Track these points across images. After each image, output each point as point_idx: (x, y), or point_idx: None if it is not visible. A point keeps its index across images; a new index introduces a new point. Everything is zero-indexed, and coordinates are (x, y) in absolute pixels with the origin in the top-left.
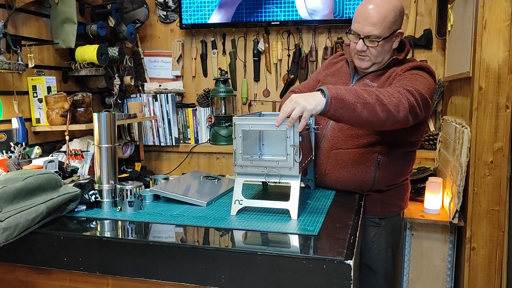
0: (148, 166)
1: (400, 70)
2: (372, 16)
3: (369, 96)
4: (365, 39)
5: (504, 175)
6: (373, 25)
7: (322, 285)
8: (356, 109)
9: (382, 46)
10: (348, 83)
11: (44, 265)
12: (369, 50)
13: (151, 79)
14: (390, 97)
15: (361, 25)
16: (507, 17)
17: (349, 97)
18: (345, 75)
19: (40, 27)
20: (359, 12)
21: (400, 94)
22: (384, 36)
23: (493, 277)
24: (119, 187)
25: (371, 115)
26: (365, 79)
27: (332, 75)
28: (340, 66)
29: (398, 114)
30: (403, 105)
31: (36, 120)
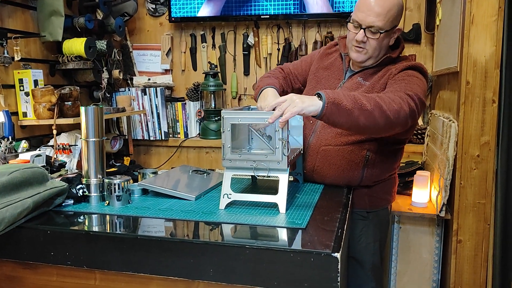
0: (137, 160)
1: (395, 69)
2: (377, 6)
3: (367, 102)
4: (366, 30)
5: (490, 169)
6: (378, 15)
7: (310, 277)
8: (353, 114)
9: (382, 39)
10: (341, 79)
11: (30, 260)
12: (369, 41)
13: (140, 73)
14: (391, 104)
15: (365, 15)
16: (494, 12)
17: (346, 102)
18: (338, 70)
19: (26, 20)
20: (363, 1)
21: (402, 100)
22: (386, 29)
23: (479, 269)
24: (107, 181)
25: (369, 120)
26: (357, 77)
27: (325, 68)
28: (333, 59)
29: (397, 120)
30: (403, 111)
31: (22, 114)
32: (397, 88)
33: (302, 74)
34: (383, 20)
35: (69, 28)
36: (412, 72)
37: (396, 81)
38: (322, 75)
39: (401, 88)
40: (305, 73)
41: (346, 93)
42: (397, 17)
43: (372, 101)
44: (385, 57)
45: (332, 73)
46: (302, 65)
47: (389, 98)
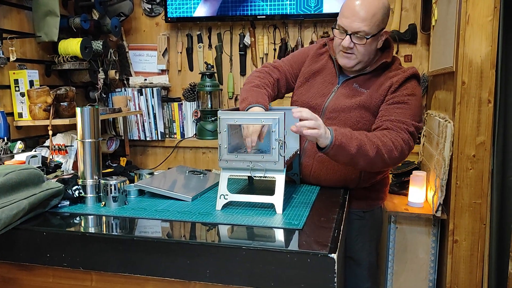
0: (134, 161)
1: (395, 81)
2: (361, 11)
3: (371, 149)
4: (352, 36)
5: (486, 168)
6: (363, 21)
7: (306, 278)
8: (354, 158)
9: (370, 44)
10: (334, 83)
11: (26, 261)
12: (356, 47)
13: (136, 73)
14: (392, 152)
15: (350, 21)
16: (490, 12)
17: (351, 148)
18: (331, 75)
19: (21, 20)
20: (348, 6)
21: (404, 143)
22: (373, 34)
23: (475, 269)
24: (103, 182)
25: (368, 165)
26: (353, 83)
27: (317, 72)
28: (325, 62)
29: (395, 163)
30: (404, 155)
31: (18, 114)
32: (398, 116)
33: (296, 74)
34: (368, 25)
35: (65, 28)
36: (411, 88)
37: (396, 102)
38: (315, 79)
39: (403, 116)
40: (299, 72)
41: (355, 135)
42: (383, 20)
43: (375, 149)
44: (381, 64)
45: (324, 77)
46: (297, 64)
47: (393, 144)
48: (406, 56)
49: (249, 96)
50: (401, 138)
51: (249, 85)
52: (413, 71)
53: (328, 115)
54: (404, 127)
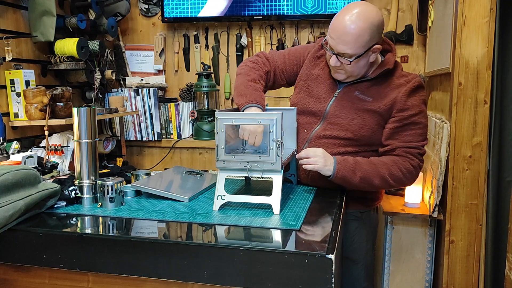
0: (130, 161)
1: (402, 94)
2: (345, 34)
3: (377, 179)
4: (338, 56)
5: (482, 169)
6: (346, 44)
7: (304, 279)
8: (359, 187)
9: (356, 63)
10: (334, 89)
11: (22, 262)
12: (343, 65)
13: (133, 73)
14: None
15: (335, 42)
16: (486, 13)
17: (355, 179)
18: (330, 81)
19: (17, 20)
20: (334, 27)
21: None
22: (358, 55)
23: (471, 269)
24: (100, 182)
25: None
26: (354, 90)
27: (315, 78)
28: (323, 67)
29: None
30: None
31: (14, 114)
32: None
33: (289, 73)
34: (352, 48)
35: (61, 28)
36: (419, 104)
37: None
38: (313, 85)
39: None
40: (293, 72)
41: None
42: (371, 39)
43: (380, 179)
44: (383, 72)
45: (323, 82)
46: (291, 63)
47: (401, 173)
48: (403, 57)
49: (247, 93)
50: (411, 164)
51: (245, 78)
52: (418, 81)
53: (330, 120)
54: (416, 151)
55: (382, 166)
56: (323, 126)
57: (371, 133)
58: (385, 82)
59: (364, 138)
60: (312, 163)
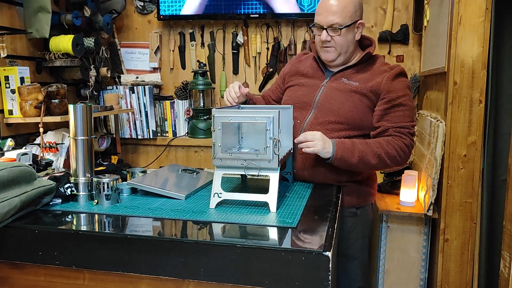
0: (125, 159)
1: (389, 78)
2: (332, 6)
3: (373, 158)
4: (328, 29)
5: (477, 168)
6: (334, 13)
7: (301, 276)
8: (358, 167)
9: (345, 35)
10: (322, 79)
11: (18, 259)
12: (333, 39)
13: (128, 71)
14: (396, 157)
15: (323, 16)
16: (482, 13)
17: (353, 159)
18: (317, 72)
19: (12, 16)
20: (320, 5)
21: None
22: (346, 24)
23: (466, 268)
24: (96, 180)
25: (371, 170)
26: (341, 77)
27: (302, 75)
28: (308, 65)
29: (397, 165)
30: (407, 157)
31: (8, 111)
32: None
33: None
34: (340, 16)
35: (56, 25)
36: (404, 87)
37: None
38: (302, 79)
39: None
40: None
41: (357, 146)
42: (355, 12)
43: (377, 158)
44: (365, 55)
45: (311, 75)
46: (277, 87)
47: (396, 151)
48: (398, 56)
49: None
50: (404, 143)
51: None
52: (401, 68)
53: (321, 107)
54: (406, 131)
55: (377, 145)
56: (314, 114)
57: (362, 115)
58: (369, 69)
59: (355, 121)
60: (312, 146)
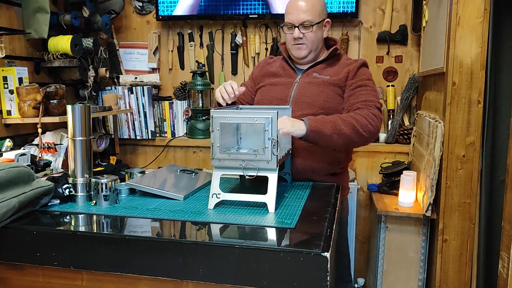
0: (124, 160)
1: (354, 68)
2: (302, 5)
3: (345, 127)
4: (300, 27)
5: (475, 168)
6: (305, 12)
7: (299, 277)
8: (332, 138)
9: (316, 32)
10: (294, 77)
11: (16, 260)
12: (305, 36)
13: (127, 71)
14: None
15: (295, 15)
16: (480, 14)
17: (327, 130)
18: (288, 73)
19: (11, 16)
20: (290, 5)
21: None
22: (316, 21)
23: (464, 268)
24: (94, 180)
25: (346, 141)
26: (312, 73)
27: (273, 75)
28: (278, 66)
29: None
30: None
31: (7, 112)
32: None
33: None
34: (310, 14)
35: (55, 25)
36: (367, 74)
37: (358, 87)
38: (274, 79)
39: (368, 96)
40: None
41: (328, 119)
42: (322, 11)
43: (350, 126)
44: (332, 50)
45: (283, 74)
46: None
47: (365, 119)
48: (397, 56)
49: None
50: (372, 113)
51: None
52: (364, 61)
53: (297, 102)
54: (372, 104)
55: (346, 116)
56: (291, 109)
57: (336, 104)
58: (336, 64)
59: (331, 110)
60: (281, 127)
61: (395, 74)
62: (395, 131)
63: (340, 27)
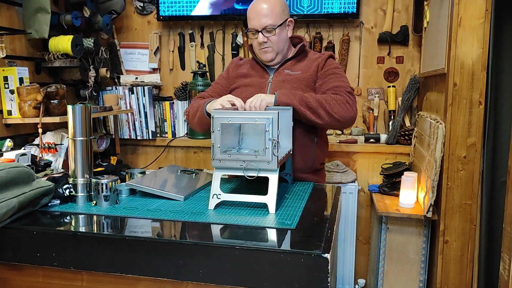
0: (124, 160)
1: (322, 60)
2: (262, 9)
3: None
4: (263, 31)
5: (476, 169)
6: (266, 16)
7: (299, 278)
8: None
9: (279, 34)
10: (267, 77)
11: (16, 261)
12: (270, 40)
13: (128, 72)
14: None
15: (256, 20)
16: (481, 14)
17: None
18: (260, 73)
19: (11, 16)
20: (251, 11)
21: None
22: (278, 24)
23: (465, 269)
24: (95, 181)
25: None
26: (283, 69)
27: (245, 76)
28: (249, 66)
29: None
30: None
31: (7, 112)
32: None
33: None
34: (271, 17)
35: (56, 25)
36: (335, 64)
37: (329, 74)
38: (247, 80)
39: (338, 82)
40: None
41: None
42: (283, 12)
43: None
44: (301, 46)
45: (255, 75)
46: (218, 88)
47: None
48: (398, 57)
49: (202, 102)
50: (341, 96)
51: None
52: (330, 53)
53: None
54: (343, 89)
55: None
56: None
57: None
58: (305, 59)
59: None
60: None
61: (396, 75)
62: (396, 132)
63: (341, 27)
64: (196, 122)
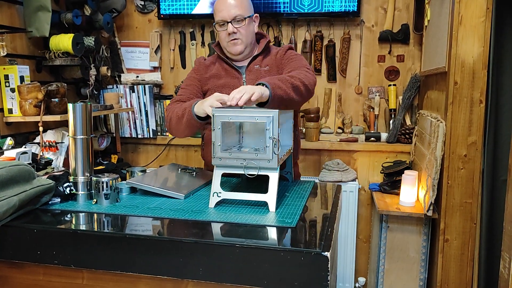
0: (125, 158)
1: (282, 52)
2: (232, 1)
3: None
4: (232, 22)
5: (477, 168)
6: (235, 7)
7: (299, 276)
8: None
9: (248, 26)
10: (240, 77)
11: (16, 259)
12: (239, 31)
13: (128, 70)
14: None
15: (226, 11)
16: (482, 13)
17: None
18: (232, 73)
19: (12, 15)
20: (219, 3)
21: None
22: (247, 15)
23: (465, 268)
24: (95, 179)
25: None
26: (254, 66)
27: (217, 77)
28: (217, 67)
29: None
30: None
31: (8, 110)
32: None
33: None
34: (241, 9)
35: (56, 24)
36: (294, 52)
37: (290, 60)
38: (219, 80)
39: (299, 65)
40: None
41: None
42: (250, 5)
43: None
44: (267, 43)
45: (225, 75)
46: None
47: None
48: (399, 56)
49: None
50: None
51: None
52: (290, 45)
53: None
54: (302, 68)
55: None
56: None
57: None
58: (269, 54)
59: None
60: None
61: (397, 73)
62: (396, 130)
63: (342, 26)
64: (183, 127)
